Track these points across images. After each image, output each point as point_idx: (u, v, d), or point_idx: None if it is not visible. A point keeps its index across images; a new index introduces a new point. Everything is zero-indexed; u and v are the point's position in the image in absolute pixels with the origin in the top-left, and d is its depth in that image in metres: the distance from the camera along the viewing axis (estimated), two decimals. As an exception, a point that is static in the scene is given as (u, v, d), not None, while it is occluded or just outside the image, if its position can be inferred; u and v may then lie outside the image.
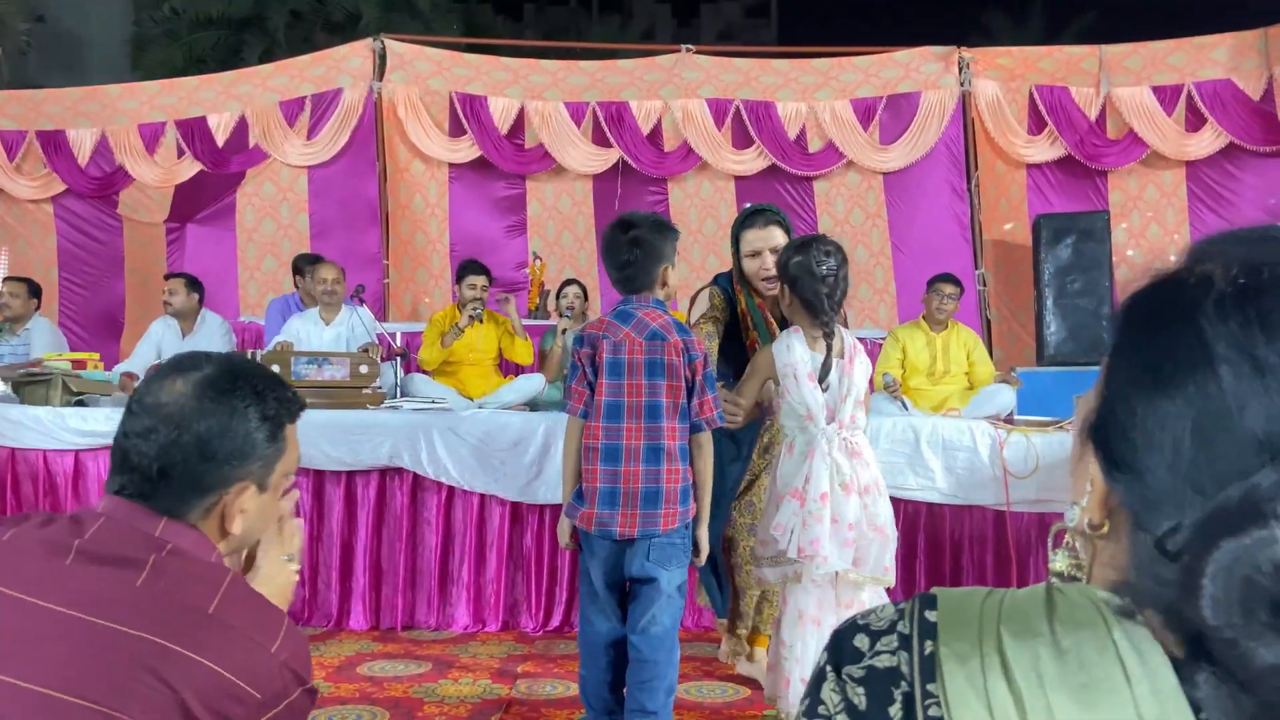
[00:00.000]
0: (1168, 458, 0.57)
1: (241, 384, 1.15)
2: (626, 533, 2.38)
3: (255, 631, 1.04)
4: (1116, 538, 0.63)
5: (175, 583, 1.04)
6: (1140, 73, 6.49)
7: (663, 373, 2.42)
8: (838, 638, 0.66)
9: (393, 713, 2.85)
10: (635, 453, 2.39)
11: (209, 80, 7.05)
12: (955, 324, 5.13)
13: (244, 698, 1.00)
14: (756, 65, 6.86)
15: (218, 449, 1.13)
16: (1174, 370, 0.57)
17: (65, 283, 6.84)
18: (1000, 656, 0.59)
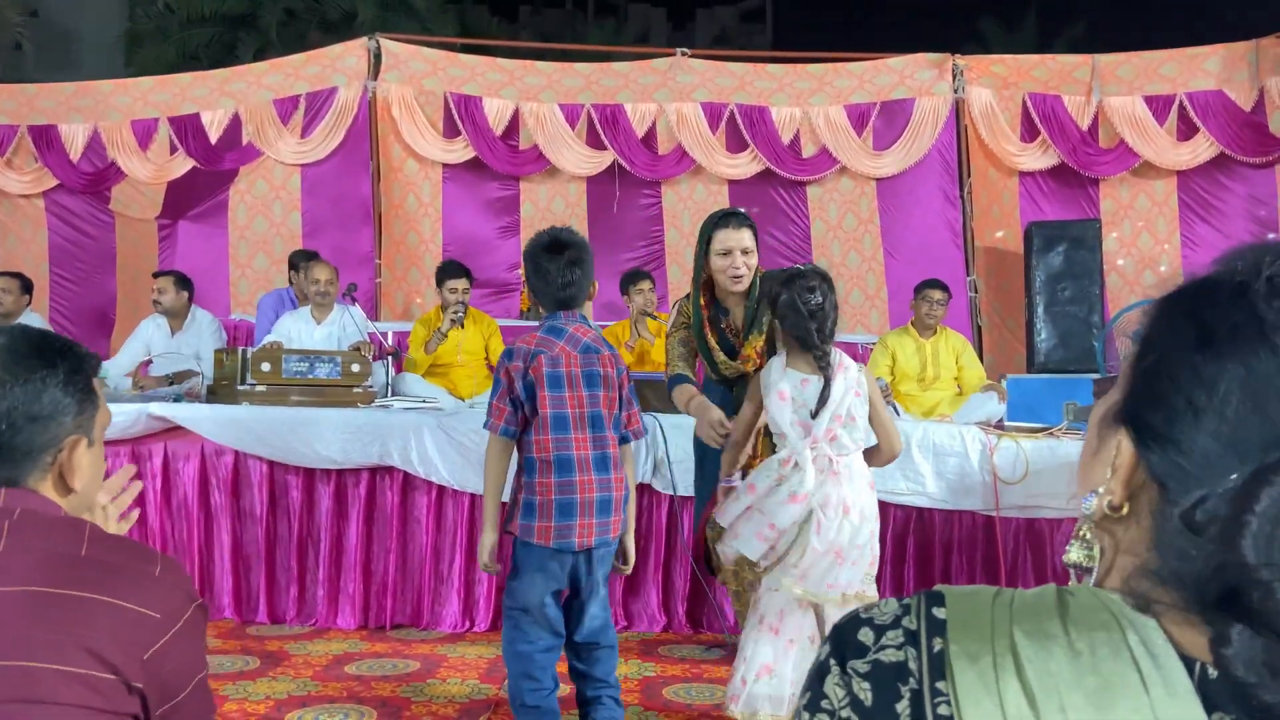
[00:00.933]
0: (1212, 423, 0.57)
1: (40, 345, 1.17)
2: (585, 542, 2.41)
3: (134, 562, 1.08)
4: (1137, 520, 0.63)
5: (36, 538, 1.06)
6: (1132, 82, 6.52)
7: (599, 384, 2.49)
8: (840, 631, 0.65)
9: (380, 711, 2.85)
10: (586, 462, 2.43)
11: (203, 77, 7.03)
12: (944, 329, 5.15)
13: (144, 621, 1.04)
14: (751, 70, 6.87)
15: (38, 409, 1.13)
16: (1227, 337, 0.58)
17: (56, 278, 6.80)
18: (1014, 656, 0.58)
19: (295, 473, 3.79)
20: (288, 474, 3.80)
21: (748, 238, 3.02)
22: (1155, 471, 0.60)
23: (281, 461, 3.78)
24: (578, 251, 2.51)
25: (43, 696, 0.97)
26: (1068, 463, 3.64)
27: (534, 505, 2.42)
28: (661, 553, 3.74)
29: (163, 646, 1.06)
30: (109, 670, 1.01)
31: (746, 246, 3.00)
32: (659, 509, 3.72)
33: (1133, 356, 0.65)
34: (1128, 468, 0.62)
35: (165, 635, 1.06)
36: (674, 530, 3.72)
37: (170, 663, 1.07)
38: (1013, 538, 3.73)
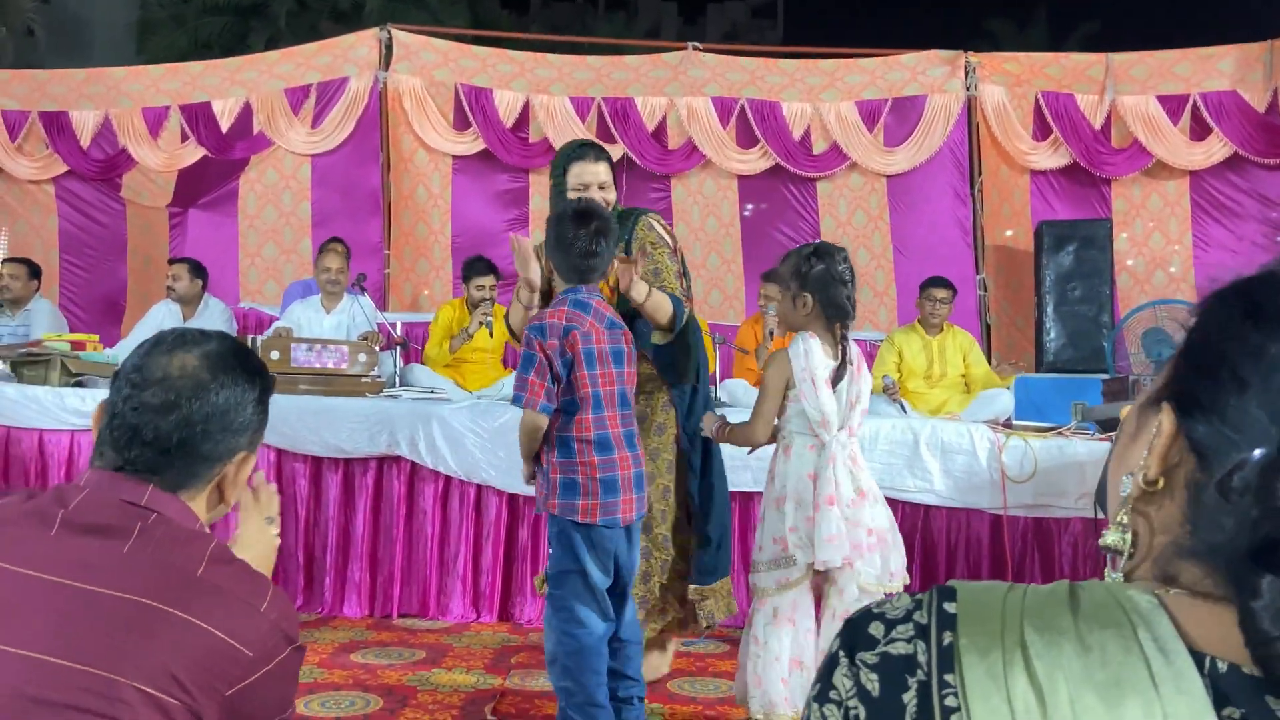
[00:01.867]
0: (1258, 394, 0.59)
1: (244, 358, 1.20)
2: (629, 517, 2.40)
3: (244, 593, 1.06)
4: (1169, 497, 0.64)
5: (162, 548, 1.05)
6: (1146, 81, 6.49)
7: (623, 360, 2.46)
8: (852, 625, 0.66)
9: (386, 700, 2.86)
10: (620, 440, 2.41)
11: (214, 66, 7.04)
12: (951, 327, 5.14)
13: (236, 657, 1.02)
14: (762, 65, 6.85)
15: (233, 420, 1.16)
16: (1274, 313, 0.60)
17: (66, 265, 6.82)
18: (1023, 651, 0.58)
19: (303, 461, 3.80)
20: (295, 462, 3.81)
21: (604, 172, 2.84)
22: (1197, 442, 0.62)
23: (289, 450, 3.79)
24: (604, 224, 2.45)
25: (119, 713, 0.96)
26: (1076, 462, 3.63)
27: (576, 485, 2.36)
28: (668, 546, 3.74)
29: (248, 686, 1.03)
30: (185, 697, 0.98)
31: (604, 181, 2.83)
32: (666, 502, 3.72)
33: (1180, 345, 0.66)
34: (1165, 442, 0.63)
35: (253, 675, 1.03)
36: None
37: (252, 703, 1.04)
38: (1020, 537, 3.73)
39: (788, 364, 2.56)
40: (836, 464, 2.51)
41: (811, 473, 2.53)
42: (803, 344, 2.55)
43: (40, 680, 0.95)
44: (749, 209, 6.89)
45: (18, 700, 0.95)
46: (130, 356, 1.18)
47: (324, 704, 2.81)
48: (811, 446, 2.55)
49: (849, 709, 0.62)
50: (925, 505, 3.73)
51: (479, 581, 3.76)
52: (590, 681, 2.35)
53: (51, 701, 0.95)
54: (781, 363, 2.58)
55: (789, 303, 2.61)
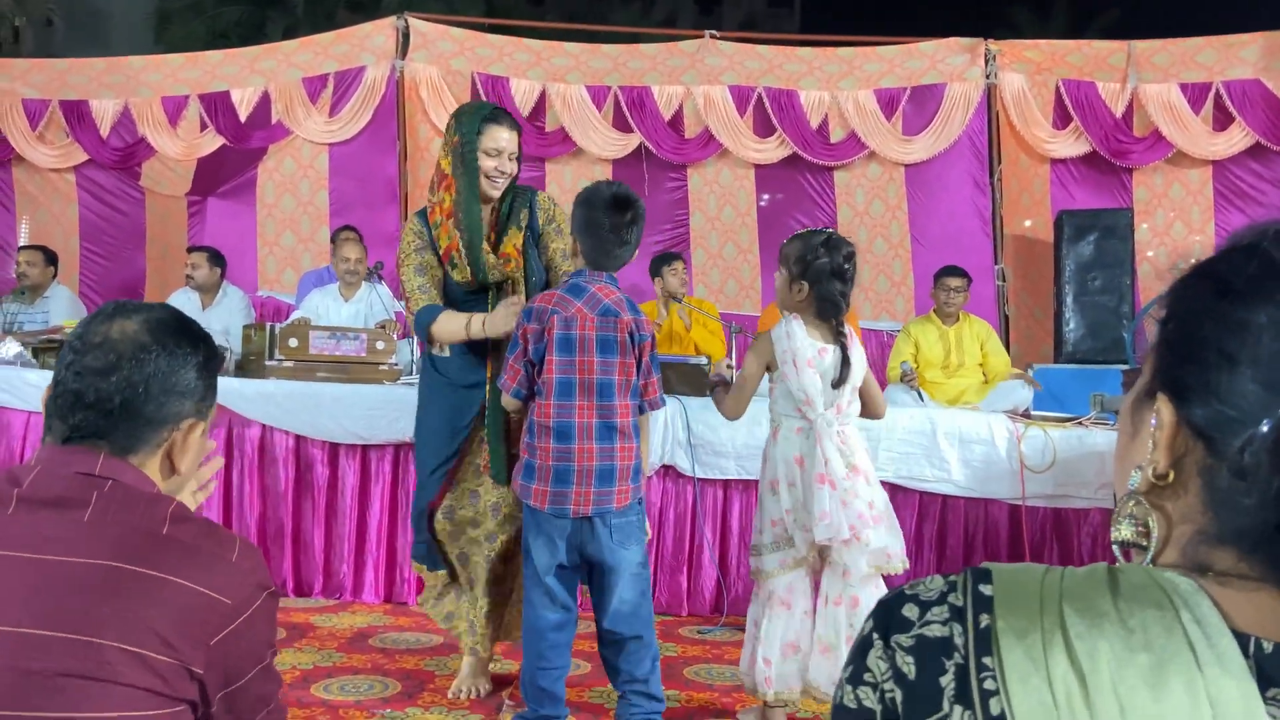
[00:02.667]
0: (1249, 367, 0.59)
1: (187, 326, 1.21)
2: (581, 510, 2.36)
3: (212, 546, 1.08)
4: (1184, 487, 0.63)
5: (122, 512, 1.06)
6: (1168, 69, 6.41)
7: (615, 349, 2.39)
8: (885, 607, 0.65)
9: (404, 684, 2.87)
10: (588, 430, 2.36)
11: (233, 55, 7.05)
12: (967, 316, 5.12)
13: (214, 606, 1.04)
14: (780, 53, 6.81)
15: (175, 382, 1.16)
16: (1246, 285, 0.60)
17: (86, 253, 6.86)
18: (1063, 633, 0.58)
19: (321, 447, 3.82)
20: (313, 448, 3.83)
21: (515, 141, 2.73)
22: (1200, 426, 0.61)
23: (307, 436, 3.81)
24: (639, 212, 2.43)
25: (107, 675, 0.97)
26: (1096, 452, 3.61)
27: (534, 468, 2.40)
28: (686, 535, 3.74)
29: (230, 633, 1.05)
30: (172, 653, 1.00)
31: (514, 152, 2.72)
32: (683, 491, 3.72)
33: (1156, 335, 0.66)
34: (1169, 433, 0.63)
35: (234, 622, 1.06)
36: (698, 511, 3.72)
37: (236, 649, 1.07)
38: (1039, 527, 3.71)
39: (770, 345, 2.58)
40: (823, 442, 2.51)
41: (799, 456, 2.55)
42: (785, 326, 2.57)
43: (23, 653, 0.96)
44: (766, 198, 6.86)
45: (5, 674, 0.96)
46: (74, 329, 1.19)
47: (342, 688, 2.83)
48: (799, 429, 2.57)
49: (884, 691, 0.62)
50: (943, 495, 3.72)
51: (496, 568, 3.76)
52: (532, 663, 2.41)
53: (38, 671, 0.96)
54: (763, 344, 2.60)
55: (784, 283, 2.62)
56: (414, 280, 2.73)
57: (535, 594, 2.42)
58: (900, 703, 0.61)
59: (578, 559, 2.42)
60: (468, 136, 2.68)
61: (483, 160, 2.68)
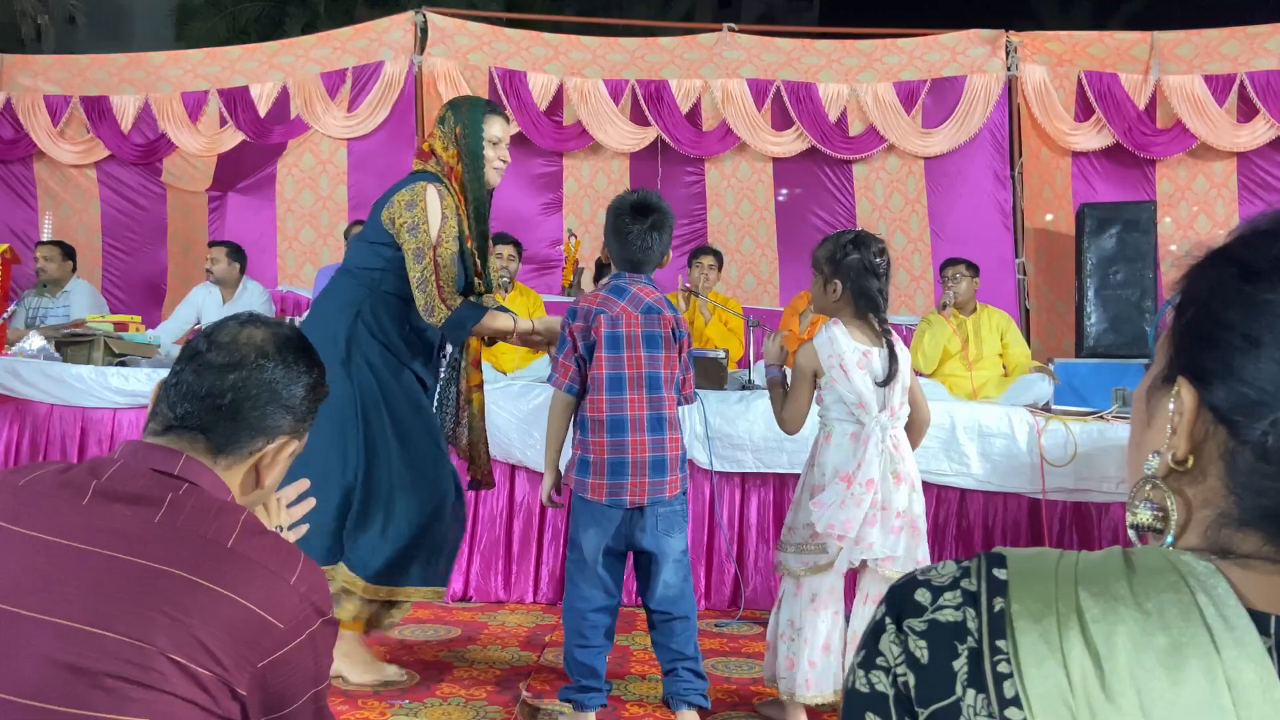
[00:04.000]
0: (1273, 349, 0.59)
1: (308, 349, 1.24)
2: (637, 501, 2.45)
3: (274, 564, 1.06)
4: (1203, 472, 0.63)
5: (193, 518, 1.05)
6: (1192, 61, 6.34)
7: (660, 345, 2.50)
8: (897, 593, 0.65)
9: (424, 674, 2.89)
10: (640, 423, 2.46)
11: (252, 50, 7.09)
12: (985, 306, 5.08)
13: (267, 628, 1.02)
14: (798, 46, 6.78)
15: (283, 395, 1.19)
16: (1271, 268, 0.60)
17: (109, 248, 6.93)
18: (1078, 616, 0.57)
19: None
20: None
21: (510, 132, 2.84)
22: (1222, 409, 0.61)
23: (327, 429, 3.83)
24: (661, 217, 2.55)
25: (153, 681, 0.96)
26: (1117, 446, 3.58)
27: (588, 463, 2.48)
28: (703, 529, 3.74)
29: (278, 658, 1.03)
30: (217, 668, 0.99)
31: (508, 142, 2.80)
32: (701, 485, 3.72)
33: (1172, 321, 0.66)
34: (1190, 418, 0.63)
35: (285, 647, 1.04)
36: (715, 504, 3.71)
37: (283, 675, 1.05)
38: (1059, 520, 3.69)
39: (814, 354, 2.56)
40: (869, 444, 2.49)
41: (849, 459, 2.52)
42: (826, 332, 2.56)
43: (75, 648, 0.96)
44: (784, 192, 6.84)
45: (53, 668, 0.96)
46: (202, 330, 1.23)
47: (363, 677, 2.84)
48: (852, 434, 2.53)
49: (897, 675, 0.62)
50: (962, 489, 3.69)
51: (514, 561, 3.78)
52: (573, 640, 2.51)
53: (87, 669, 0.95)
54: (808, 353, 2.58)
55: (820, 286, 2.62)
56: (453, 269, 2.63)
57: (581, 579, 2.52)
58: (913, 686, 0.61)
59: (624, 547, 2.52)
60: (472, 124, 2.70)
61: (489, 150, 2.73)
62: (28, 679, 0.95)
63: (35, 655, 0.96)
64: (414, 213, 2.61)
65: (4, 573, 1.00)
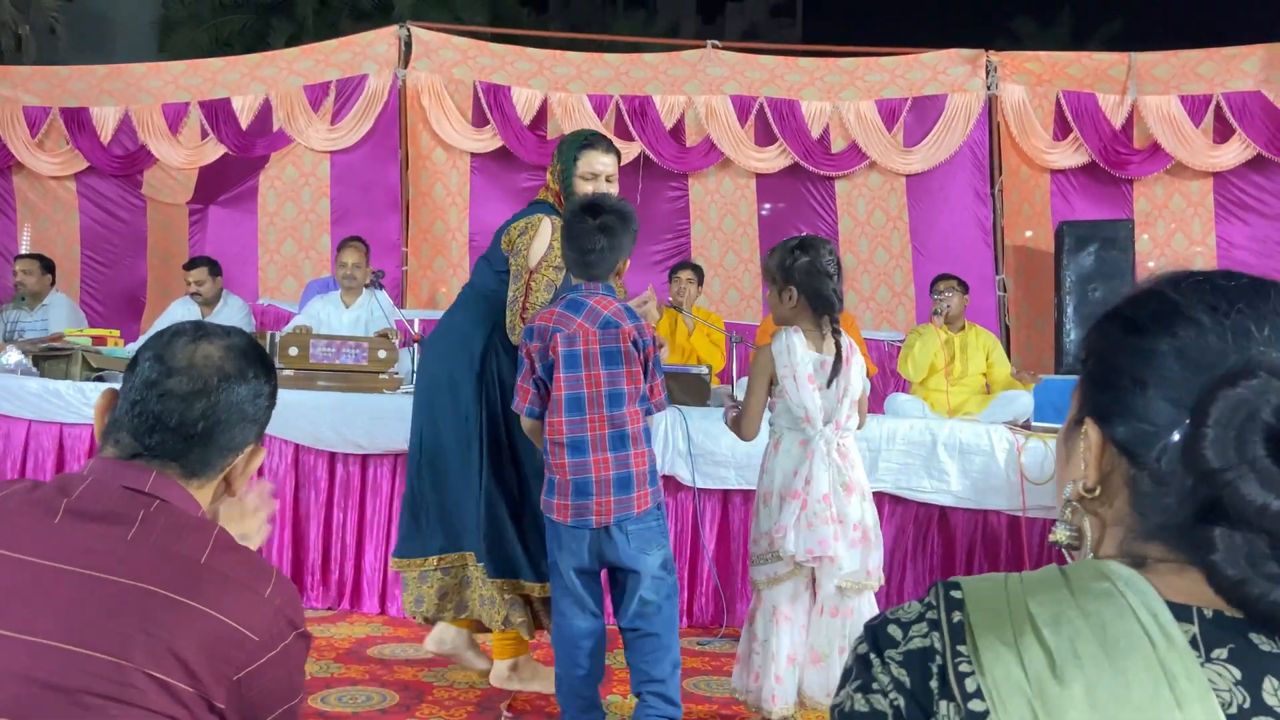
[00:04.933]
0: (1158, 388, 0.69)
1: (262, 355, 1.23)
2: (603, 520, 2.39)
3: (247, 578, 1.06)
4: (1111, 496, 0.73)
5: (166, 535, 1.06)
6: (1169, 81, 6.43)
7: (620, 360, 2.42)
8: (873, 631, 0.73)
9: (402, 695, 2.86)
10: (601, 442, 2.39)
11: (234, 62, 7.07)
12: (973, 325, 5.11)
13: (242, 642, 1.02)
14: (782, 63, 6.83)
15: (250, 411, 1.18)
16: (1150, 320, 0.71)
17: (87, 260, 6.87)
18: (1030, 621, 0.66)
19: (321, 456, 3.82)
20: (313, 458, 3.82)
21: (614, 164, 2.85)
22: (1122, 442, 0.71)
23: (307, 445, 3.81)
24: (612, 219, 2.45)
25: (132, 698, 0.96)
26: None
27: (554, 484, 2.44)
28: (686, 546, 3.73)
29: (255, 670, 1.04)
30: (194, 683, 0.99)
31: (612, 174, 2.83)
32: (684, 501, 3.72)
33: (1080, 373, 0.78)
34: (1096, 451, 0.73)
35: (259, 660, 1.04)
36: (697, 521, 3.71)
37: (259, 688, 1.05)
38: (1038, 537, 3.70)
39: (770, 360, 2.57)
40: (814, 459, 2.51)
41: (798, 469, 2.54)
42: (785, 340, 2.56)
43: (50, 666, 0.96)
44: (767, 208, 6.87)
45: (28, 685, 0.95)
46: (147, 347, 1.18)
47: (340, 699, 2.82)
48: (801, 441, 2.56)
49: (892, 700, 0.69)
50: (942, 506, 3.71)
51: (495, 578, 3.75)
52: (565, 670, 2.45)
53: (63, 687, 0.95)
54: (764, 359, 2.59)
55: (775, 296, 2.61)
56: (540, 295, 2.69)
57: (565, 603, 2.46)
58: (903, 708, 0.68)
59: (599, 565, 2.46)
60: (566, 163, 2.82)
61: (579, 185, 2.78)
62: (3, 698, 0.95)
63: (11, 674, 0.95)
64: (523, 239, 2.75)
65: None
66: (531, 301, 2.69)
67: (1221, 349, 0.68)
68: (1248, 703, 0.62)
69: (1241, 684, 0.63)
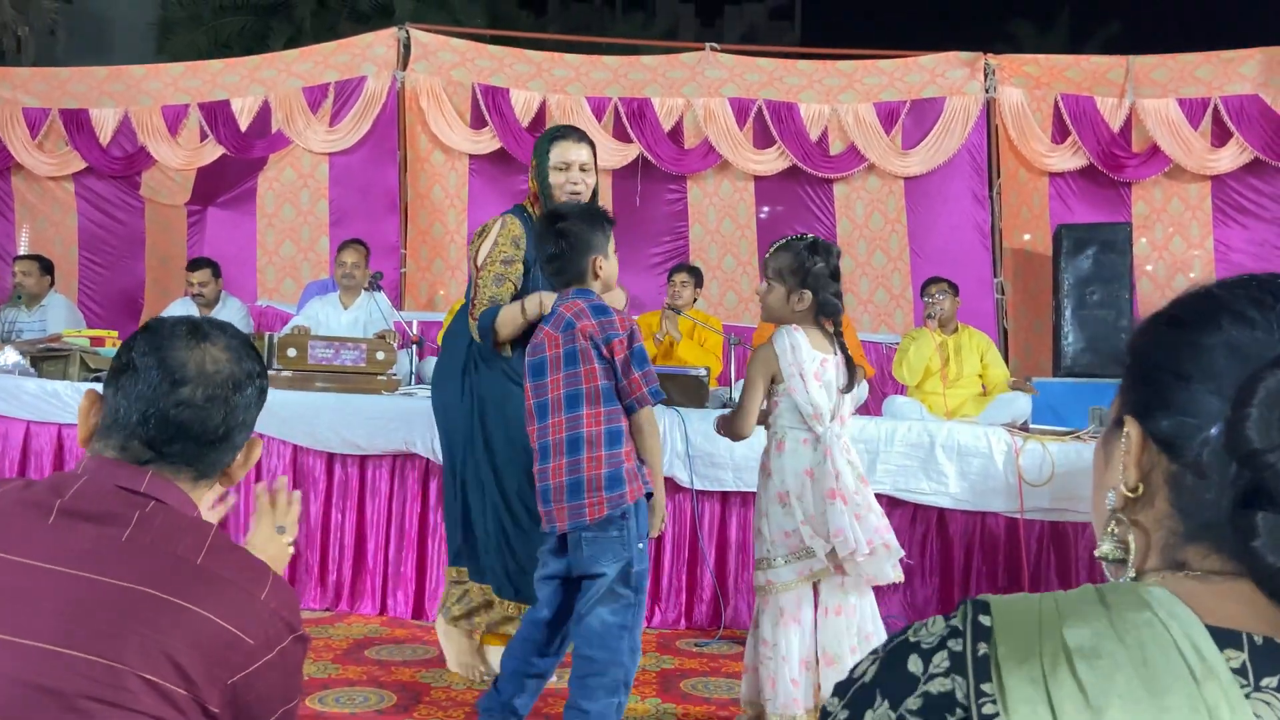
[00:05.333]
0: (1202, 381, 0.67)
1: (255, 350, 1.23)
2: (560, 526, 2.38)
3: (243, 580, 1.05)
4: (1153, 498, 0.70)
5: (161, 536, 1.04)
6: (1167, 85, 6.44)
7: (576, 360, 2.36)
8: (889, 664, 0.67)
9: (400, 696, 2.86)
10: (559, 446, 2.37)
11: (233, 64, 7.08)
12: (966, 327, 5.12)
13: (236, 644, 1.01)
14: (780, 66, 6.84)
15: (253, 411, 1.20)
16: (1195, 318, 0.70)
17: (85, 261, 6.87)
18: (1065, 654, 0.61)
19: (319, 457, 3.82)
20: (311, 459, 3.82)
21: (587, 153, 2.92)
22: (1163, 436, 0.69)
23: (306, 446, 3.81)
24: (571, 223, 2.44)
25: (125, 701, 0.95)
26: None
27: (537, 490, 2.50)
28: (684, 548, 3.73)
29: (251, 673, 1.03)
30: (189, 686, 0.98)
31: (585, 163, 2.90)
32: (682, 504, 3.72)
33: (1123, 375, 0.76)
34: (1137, 449, 0.70)
35: (255, 663, 1.03)
36: (695, 524, 3.71)
37: (254, 692, 1.04)
38: (1036, 540, 3.70)
39: (773, 358, 2.55)
40: (834, 455, 2.50)
41: (808, 468, 2.53)
42: (788, 338, 2.54)
43: (45, 670, 0.95)
44: (765, 210, 6.88)
45: (22, 688, 0.94)
46: (141, 348, 1.14)
47: (338, 700, 2.82)
48: (805, 440, 2.55)
49: None
50: (940, 508, 3.71)
51: (493, 580, 3.75)
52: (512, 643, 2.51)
53: (56, 690, 0.94)
54: (766, 356, 2.56)
55: (781, 296, 2.58)
56: (489, 289, 2.81)
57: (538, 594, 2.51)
58: None
59: (565, 571, 2.43)
60: (540, 158, 2.94)
61: (553, 176, 2.89)
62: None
63: (3, 676, 0.95)
64: (475, 243, 2.91)
65: None
66: (480, 298, 2.80)
67: (1268, 341, 0.66)
68: None
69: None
